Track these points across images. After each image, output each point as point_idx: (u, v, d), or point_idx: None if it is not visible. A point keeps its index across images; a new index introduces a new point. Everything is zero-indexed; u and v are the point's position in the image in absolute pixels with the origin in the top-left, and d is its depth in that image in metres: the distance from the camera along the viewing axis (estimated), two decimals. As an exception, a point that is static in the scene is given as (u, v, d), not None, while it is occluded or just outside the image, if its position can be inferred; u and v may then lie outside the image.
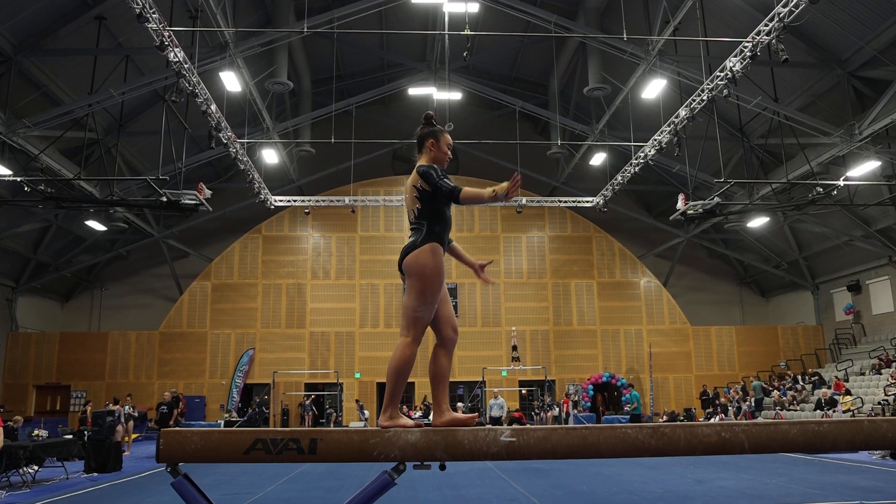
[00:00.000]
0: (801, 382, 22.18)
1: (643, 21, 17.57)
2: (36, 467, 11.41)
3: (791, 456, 13.07)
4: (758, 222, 21.75)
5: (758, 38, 13.12)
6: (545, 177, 25.49)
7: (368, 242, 26.86)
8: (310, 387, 25.35)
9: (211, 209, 18.38)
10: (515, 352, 23.57)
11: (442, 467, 2.97)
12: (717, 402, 23.17)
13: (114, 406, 17.42)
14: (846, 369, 21.33)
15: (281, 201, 23.17)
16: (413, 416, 22.20)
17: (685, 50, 17.48)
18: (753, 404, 21.26)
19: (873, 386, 18.71)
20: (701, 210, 18.07)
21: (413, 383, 25.86)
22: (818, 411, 18.06)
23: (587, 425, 3.07)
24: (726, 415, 21.77)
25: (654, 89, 17.40)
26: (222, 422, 22.72)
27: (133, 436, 17.83)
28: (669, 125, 17.25)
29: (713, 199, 17.98)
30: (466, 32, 14.30)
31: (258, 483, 10.49)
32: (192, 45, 15.38)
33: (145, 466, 13.62)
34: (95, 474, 12.30)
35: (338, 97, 20.61)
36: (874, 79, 16.59)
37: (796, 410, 19.90)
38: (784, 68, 16.07)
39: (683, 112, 16.42)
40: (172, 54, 13.47)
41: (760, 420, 16.28)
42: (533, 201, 23.98)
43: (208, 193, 17.22)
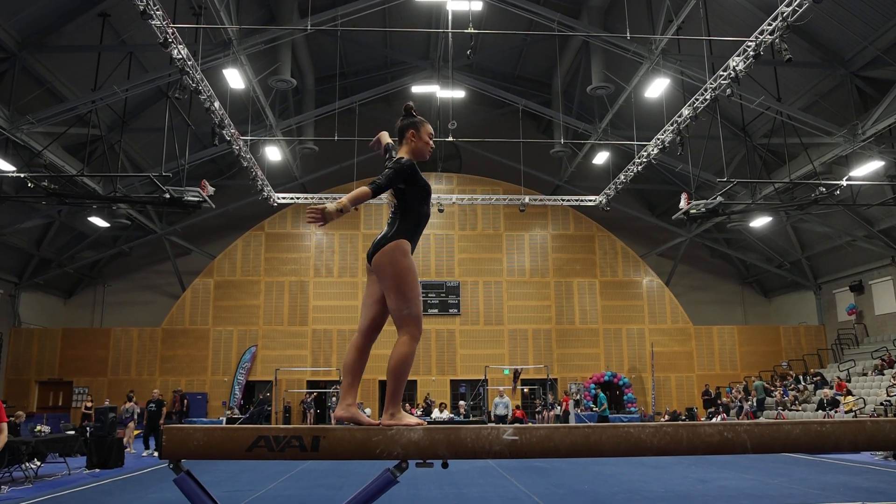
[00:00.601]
0: (803, 382, 22.17)
1: (646, 20, 17.55)
2: (38, 463, 11.44)
3: (793, 456, 13.07)
4: (760, 222, 21.72)
5: (761, 38, 13.10)
6: (548, 175, 25.48)
7: (371, 240, 26.71)
8: (312, 384, 25.38)
9: (214, 206, 18.40)
10: (516, 382, 23.76)
11: (444, 465, 2.97)
12: (720, 402, 23.16)
13: (128, 403, 17.42)
14: (848, 370, 21.31)
15: (284, 199, 23.18)
16: (414, 414, 22.22)
17: (688, 49, 17.46)
18: (755, 404, 21.24)
19: (875, 387, 18.68)
20: (703, 209, 18.06)
21: (415, 381, 25.88)
22: (820, 412, 18.05)
23: (589, 424, 3.06)
24: (728, 414, 21.76)
25: (658, 88, 17.39)
26: (224, 419, 22.75)
27: (135, 432, 17.84)
28: (672, 124, 17.23)
29: (716, 199, 17.98)
30: (470, 31, 14.30)
31: (260, 480, 10.51)
32: (196, 42, 15.38)
33: (147, 463, 13.65)
34: (97, 470, 12.34)
35: (341, 95, 20.61)
36: (878, 79, 16.55)
37: (798, 410, 19.89)
38: (787, 68, 16.03)
39: (686, 111, 16.40)
40: (176, 51, 13.48)
41: (762, 420, 16.26)
42: (536, 200, 23.97)
43: (211, 190, 17.24)
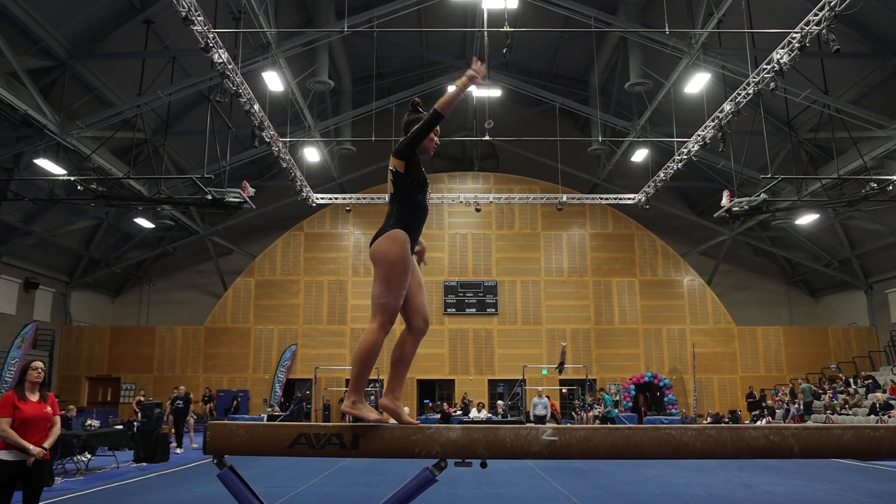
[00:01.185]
0: (854, 386, 21.57)
1: (686, 14, 17.26)
2: (89, 456, 11.76)
3: (843, 462, 12.72)
4: (807, 219, 21.20)
5: (807, 29, 12.78)
6: (586, 174, 25.26)
7: (409, 240, 26.91)
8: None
9: (254, 207, 18.66)
10: (562, 362, 23.38)
11: (483, 465, 2.97)
12: (764, 405, 22.68)
13: (177, 391, 17.55)
14: (900, 371, 20.69)
15: (322, 199, 23.41)
16: (453, 413, 22.25)
17: (730, 42, 17.12)
18: (802, 407, 20.75)
19: (928, 388, 18.11)
20: (746, 207, 17.70)
21: (453, 380, 25.93)
22: (872, 416, 17.54)
23: (630, 425, 3.03)
24: (773, 418, 21.31)
25: (698, 83, 17.09)
26: (265, 416, 23.08)
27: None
28: (713, 120, 16.94)
29: (759, 196, 17.59)
30: (506, 29, 14.25)
31: (301, 476, 10.63)
32: (236, 47, 15.64)
33: (191, 457, 13.91)
34: (144, 464, 12.63)
35: (378, 95, 20.72)
36: (931, 70, 16.04)
37: (848, 415, 19.37)
38: (835, 59, 15.63)
39: (728, 106, 16.10)
40: (217, 55, 13.71)
41: (810, 424, 15.92)
42: (574, 198, 23.79)
43: (251, 191, 17.49)
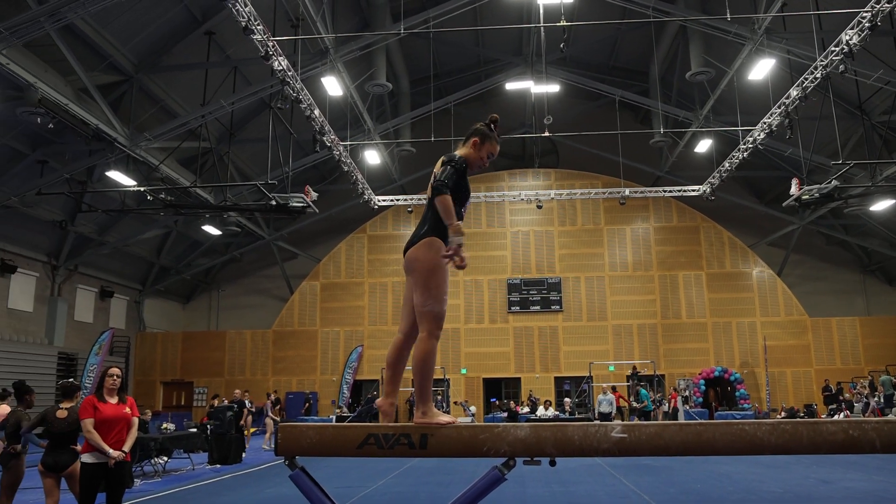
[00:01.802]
0: (937, 376, 20.55)
1: (748, -1, 16.76)
2: (165, 458, 12.17)
3: (927, 455, 12.14)
4: (882, 205, 20.25)
5: (878, 7, 12.24)
6: (648, 166, 24.80)
7: (470, 239, 26.88)
8: (416, 382, 25.75)
9: (317, 211, 18.99)
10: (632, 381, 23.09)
11: (552, 463, 2.95)
12: (842, 398, 21.82)
13: (273, 395, 17.94)
14: None
15: (384, 201, 23.65)
16: (520, 412, 22.17)
17: (795, 26, 16.52)
18: (883, 400, 19.87)
19: None
20: (817, 195, 17.07)
21: (518, 378, 25.84)
22: (958, 407, 16.70)
23: (701, 421, 2.96)
24: (852, 411, 20.48)
25: (762, 70, 16.56)
26: (334, 417, 23.46)
27: (251, 430, 18.65)
28: (780, 107, 16.39)
29: (830, 183, 16.93)
30: (562, 23, 14.11)
31: (370, 476, 10.76)
32: (295, 53, 15.94)
33: (263, 458, 14.26)
34: (218, 466, 13.00)
35: (436, 96, 20.81)
36: None
37: (932, 406, 18.47)
38: (909, 38, 14.91)
39: (795, 92, 15.55)
40: (277, 63, 14.01)
41: (892, 417, 15.31)
42: (636, 192, 23.37)
43: (314, 196, 17.79)
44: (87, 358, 20.67)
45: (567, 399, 23.29)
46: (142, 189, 17.62)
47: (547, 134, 19.10)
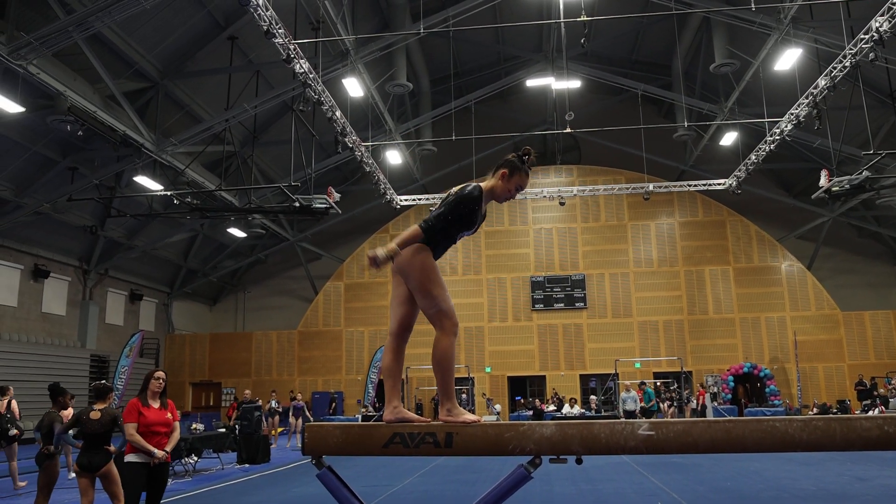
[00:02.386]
0: (974, 370, 20.11)
1: (773, -11, 16.50)
2: (195, 458, 12.31)
3: (965, 450, 11.87)
4: (915, 196, 19.89)
5: (907, -5, 12.00)
6: (672, 161, 24.58)
7: (493, 237, 26.95)
8: (441, 381, 25.78)
9: (340, 212, 19.09)
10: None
11: (578, 461, 2.93)
12: (876, 394, 21.43)
13: (299, 398, 18.01)
14: None
15: (406, 200, 23.70)
16: (546, 410, 22.10)
17: (822, 14, 16.24)
18: (918, 395, 19.52)
19: None
20: (847, 186, 16.76)
21: (543, 377, 25.76)
22: None
23: (730, 418, 2.92)
24: (887, 407, 20.10)
25: (789, 60, 16.31)
26: (360, 416, 23.57)
27: (278, 429, 18.81)
28: (807, 97, 16.14)
29: (861, 174, 16.62)
30: (583, 19, 14.02)
31: (397, 475, 10.79)
32: (316, 56, 16.04)
33: (291, 458, 14.37)
34: (247, 465, 13.13)
35: (456, 94, 20.79)
36: None
37: (969, 400, 18.08)
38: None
39: (823, 82, 15.30)
40: (298, 66, 14.10)
41: (927, 411, 15.00)
42: (660, 187, 23.15)
43: (337, 197, 17.88)
44: (119, 360, 21.01)
45: (593, 397, 23.17)
46: (168, 193, 17.85)
47: (569, 130, 18.99)
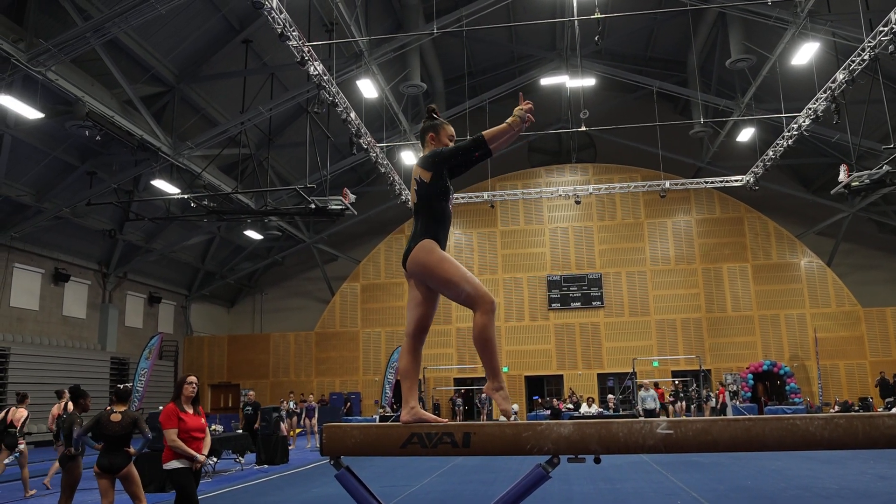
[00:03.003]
0: None
1: (789, -18, 16.35)
2: (215, 459, 12.39)
3: None
4: (936, 190, 19.63)
5: (926, -13, 11.84)
6: (689, 158, 24.43)
7: (509, 237, 26.92)
8: (458, 381, 25.81)
9: (356, 213, 19.14)
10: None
11: (597, 460, 2.92)
12: (899, 390, 21.17)
13: (310, 399, 17.84)
14: None
15: (421, 201, 23.65)
16: (563, 408, 22.02)
17: (840, 7, 16.07)
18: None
19: None
20: (867, 181, 16.56)
21: (561, 376, 25.68)
22: None
23: (750, 416, 2.89)
24: (909, 403, 19.86)
25: (806, 54, 16.15)
26: (377, 416, 23.61)
27: (297, 430, 18.87)
28: (825, 91, 15.96)
29: (882, 168, 16.42)
30: (597, 16, 13.96)
31: (415, 475, 10.80)
32: (330, 58, 16.09)
33: (309, 459, 14.43)
34: (266, 466, 13.20)
35: (470, 94, 20.79)
36: None
37: None
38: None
39: (841, 75, 15.13)
40: (312, 68, 14.15)
41: (951, 408, 14.80)
42: (677, 184, 23.01)
43: (353, 198, 17.93)
44: (138, 362, 21.19)
45: (611, 396, 23.06)
46: (186, 196, 17.99)
47: (584, 128, 18.91)
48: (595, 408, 22.12)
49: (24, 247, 18.85)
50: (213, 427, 14.05)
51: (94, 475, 5.88)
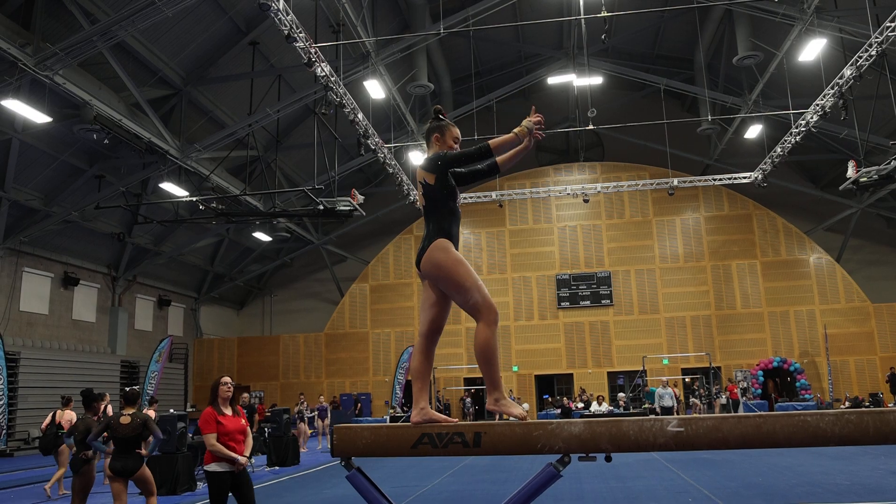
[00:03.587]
0: None
1: (796, -22, 16.29)
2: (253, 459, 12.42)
3: None
4: (947, 185, 19.50)
5: (934, -20, 11.77)
6: (697, 155, 24.35)
7: (518, 236, 26.90)
8: (469, 381, 25.81)
9: (364, 214, 19.17)
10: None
11: (608, 459, 2.92)
12: (910, 386, 21.05)
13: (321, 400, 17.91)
14: None
15: (429, 201, 23.67)
16: (574, 408, 21.99)
17: (846, 3, 16.00)
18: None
19: None
20: (876, 176, 16.48)
21: (571, 374, 25.65)
22: None
23: (761, 413, 2.89)
24: (921, 399, 19.75)
25: (813, 50, 16.08)
26: (388, 417, 23.64)
27: (309, 431, 18.89)
28: (833, 87, 15.89)
29: (890, 164, 16.34)
30: (603, 14, 13.94)
31: (426, 476, 10.81)
32: (337, 59, 16.14)
33: (320, 460, 14.46)
34: (277, 467, 13.23)
35: (478, 94, 20.80)
36: None
37: None
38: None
39: (849, 71, 15.06)
40: (319, 69, 14.18)
41: (963, 404, 14.74)
42: (685, 182, 22.94)
43: (361, 199, 17.95)
44: (149, 365, 21.29)
45: (621, 394, 23.02)
46: (194, 199, 18.05)
47: (591, 127, 18.90)
48: (605, 406, 22.08)
49: (34, 251, 18.96)
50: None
51: (107, 479, 5.90)
